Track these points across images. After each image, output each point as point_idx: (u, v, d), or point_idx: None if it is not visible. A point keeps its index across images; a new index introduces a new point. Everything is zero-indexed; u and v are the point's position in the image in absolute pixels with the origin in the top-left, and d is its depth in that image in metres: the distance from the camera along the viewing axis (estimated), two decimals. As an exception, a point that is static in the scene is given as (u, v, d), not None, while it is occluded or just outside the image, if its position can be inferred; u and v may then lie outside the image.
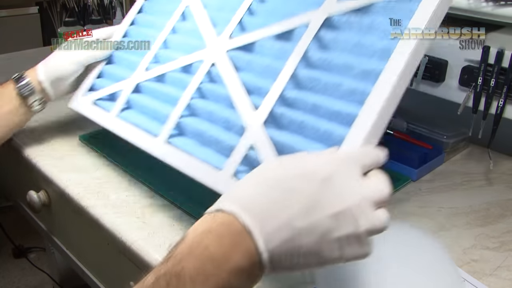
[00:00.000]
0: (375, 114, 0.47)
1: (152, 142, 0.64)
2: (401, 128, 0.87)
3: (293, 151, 0.48)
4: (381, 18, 0.54)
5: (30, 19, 2.03)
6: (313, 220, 0.36)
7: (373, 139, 0.47)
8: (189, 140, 0.62)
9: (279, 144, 0.52)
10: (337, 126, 0.50)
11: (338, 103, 0.51)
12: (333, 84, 0.52)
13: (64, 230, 0.83)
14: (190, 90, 0.64)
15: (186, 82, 0.66)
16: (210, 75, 0.65)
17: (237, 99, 0.58)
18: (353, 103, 0.50)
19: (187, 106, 0.64)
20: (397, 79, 0.48)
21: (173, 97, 0.66)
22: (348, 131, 0.47)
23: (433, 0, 0.51)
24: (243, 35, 0.64)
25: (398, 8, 0.54)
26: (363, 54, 0.53)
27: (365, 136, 0.46)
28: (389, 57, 0.49)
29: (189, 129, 0.63)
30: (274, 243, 0.35)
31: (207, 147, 0.60)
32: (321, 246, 0.36)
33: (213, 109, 0.61)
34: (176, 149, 0.61)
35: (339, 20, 0.57)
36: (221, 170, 0.55)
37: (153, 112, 0.68)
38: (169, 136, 0.63)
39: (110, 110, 0.73)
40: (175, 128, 0.63)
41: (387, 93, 0.47)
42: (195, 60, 0.68)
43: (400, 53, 0.49)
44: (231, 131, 0.58)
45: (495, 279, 0.57)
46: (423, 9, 0.51)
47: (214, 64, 0.64)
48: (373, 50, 0.52)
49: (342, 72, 0.53)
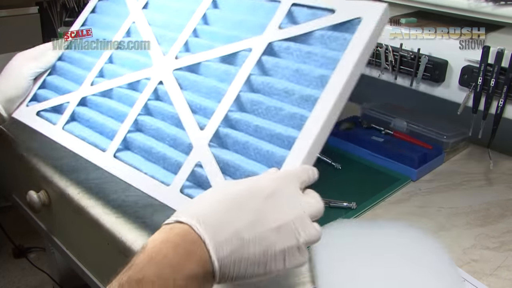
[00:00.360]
0: (312, 138, 0.51)
1: (100, 156, 0.65)
2: (401, 128, 0.87)
3: (238, 170, 0.54)
4: (319, 46, 0.58)
5: (30, 19, 2.02)
6: (259, 232, 0.41)
7: (311, 159, 0.51)
8: (136, 156, 0.64)
9: (224, 163, 0.55)
10: (278, 148, 0.53)
11: (279, 126, 0.55)
12: (275, 108, 0.56)
13: (64, 230, 0.83)
14: (137, 107, 0.66)
15: (133, 98, 0.68)
16: (156, 93, 0.67)
17: (184, 118, 0.61)
18: (293, 127, 0.54)
19: (134, 122, 0.66)
20: (333, 105, 0.52)
21: (119, 113, 0.68)
22: (288, 153, 0.51)
23: (366, 33, 0.55)
24: (188, 56, 0.66)
25: (334, 38, 0.58)
26: (302, 81, 0.57)
27: (303, 158, 0.50)
28: (326, 85, 0.54)
29: (136, 144, 0.64)
30: (224, 253, 0.39)
31: (154, 163, 0.62)
32: (267, 257, 0.41)
33: (160, 126, 0.64)
34: (124, 164, 0.63)
35: (280, 46, 0.61)
36: (168, 185, 0.57)
37: (99, 126, 0.69)
38: (116, 150, 0.64)
39: (55, 122, 0.72)
40: (122, 143, 0.65)
41: (323, 118, 0.52)
42: (142, 78, 0.69)
43: (336, 81, 0.54)
44: (178, 149, 0.61)
45: (495, 279, 0.57)
46: (357, 39, 0.55)
47: (161, 82, 0.66)
48: (312, 77, 0.56)
49: (282, 97, 0.57)
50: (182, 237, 0.39)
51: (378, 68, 0.94)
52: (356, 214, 0.68)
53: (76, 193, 0.73)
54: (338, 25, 0.59)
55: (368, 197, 0.71)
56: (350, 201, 0.69)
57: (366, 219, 0.68)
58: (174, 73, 0.66)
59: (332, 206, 0.69)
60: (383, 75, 0.95)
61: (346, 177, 0.75)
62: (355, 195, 0.71)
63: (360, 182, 0.76)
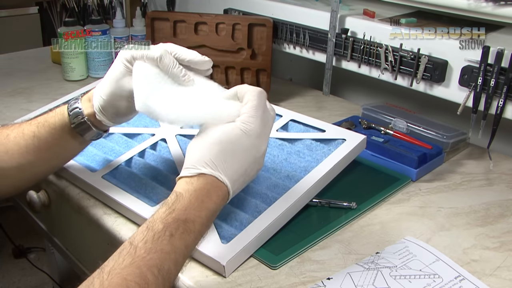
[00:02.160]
0: (292, 199, 0.65)
1: (89, 175, 0.72)
2: (401, 128, 0.87)
3: (221, 212, 0.61)
4: (306, 151, 0.76)
5: (30, 19, 2.03)
6: (255, 161, 0.55)
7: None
8: (122, 182, 0.71)
9: None
10: (261, 203, 0.65)
11: (265, 189, 0.68)
12: (264, 177, 0.70)
13: (64, 230, 0.83)
14: (135, 150, 0.78)
15: (132, 144, 0.80)
16: (155, 145, 0.79)
17: (178, 163, 0.73)
18: (276, 193, 0.67)
19: (128, 160, 0.75)
20: (313, 175, 0.69)
21: (114, 150, 0.78)
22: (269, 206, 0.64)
23: (346, 148, 0.73)
24: (191, 129, 0.81)
25: (320, 147, 0.76)
26: (289, 166, 0.73)
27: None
28: (310, 171, 0.70)
29: (125, 174, 0.73)
30: (236, 186, 0.54)
31: (139, 192, 0.69)
32: (255, 174, 0.57)
33: (150, 166, 0.74)
34: (111, 184, 0.70)
35: (275, 142, 0.78)
36: (152, 206, 0.65)
37: (92, 155, 0.78)
38: (105, 174, 0.72)
39: None
40: (112, 170, 0.73)
41: (305, 188, 0.66)
42: (146, 132, 0.83)
43: (321, 167, 0.70)
44: (166, 185, 0.69)
45: (495, 279, 0.57)
46: (339, 151, 0.73)
47: (164, 139, 0.80)
48: (297, 166, 0.72)
49: (271, 172, 0.72)
50: (211, 185, 0.52)
51: (378, 68, 0.95)
52: (356, 214, 0.68)
53: (76, 193, 0.73)
54: (325, 139, 0.77)
55: (368, 197, 0.71)
56: (350, 201, 0.69)
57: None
58: (176, 136, 0.80)
59: (332, 206, 0.69)
60: (383, 75, 0.95)
61: (346, 177, 0.75)
62: (355, 195, 0.71)
63: (360, 182, 0.76)
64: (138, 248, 0.44)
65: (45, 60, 1.36)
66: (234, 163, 0.53)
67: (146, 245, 0.45)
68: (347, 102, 1.12)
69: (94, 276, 0.43)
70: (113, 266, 0.43)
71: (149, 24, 1.09)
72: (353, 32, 0.98)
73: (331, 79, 1.05)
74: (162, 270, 0.44)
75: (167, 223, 0.47)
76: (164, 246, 0.46)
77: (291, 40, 1.09)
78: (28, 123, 0.65)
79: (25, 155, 0.63)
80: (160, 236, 0.46)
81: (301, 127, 0.82)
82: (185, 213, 0.49)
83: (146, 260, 0.44)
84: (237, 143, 0.53)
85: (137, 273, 0.43)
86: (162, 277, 0.44)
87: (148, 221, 0.48)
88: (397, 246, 0.62)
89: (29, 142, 0.63)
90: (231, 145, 0.53)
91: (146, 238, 0.46)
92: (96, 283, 0.42)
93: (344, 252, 0.61)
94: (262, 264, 0.59)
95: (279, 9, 1.10)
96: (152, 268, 0.44)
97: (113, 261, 0.44)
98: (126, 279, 0.42)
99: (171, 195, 0.51)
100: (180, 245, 0.47)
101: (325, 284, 0.55)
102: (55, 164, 0.69)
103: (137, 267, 0.43)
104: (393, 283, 0.55)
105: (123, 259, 0.44)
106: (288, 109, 0.85)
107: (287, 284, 0.56)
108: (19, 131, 0.64)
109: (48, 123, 0.63)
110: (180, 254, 0.47)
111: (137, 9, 1.30)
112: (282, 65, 1.35)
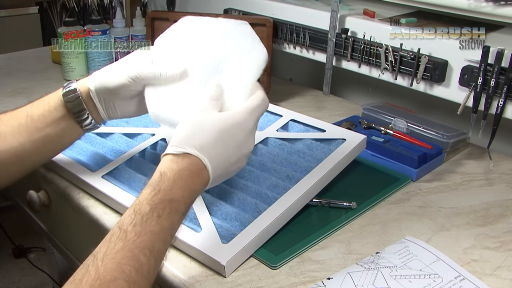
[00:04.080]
0: (292, 199, 0.65)
1: (89, 175, 0.72)
2: (401, 128, 0.87)
3: (220, 209, 0.65)
4: (307, 150, 0.76)
5: (30, 19, 2.03)
6: (238, 157, 0.56)
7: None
8: (122, 182, 0.71)
9: (209, 202, 0.66)
10: (261, 203, 0.65)
11: (265, 189, 0.68)
12: (264, 177, 0.70)
13: (64, 230, 0.83)
14: (135, 150, 0.77)
15: (131, 144, 0.80)
16: (155, 145, 0.79)
17: None
18: (276, 193, 0.67)
19: (128, 160, 0.75)
20: (312, 176, 0.69)
21: (114, 149, 0.78)
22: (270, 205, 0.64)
23: (346, 148, 0.73)
24: None
25: (320, 147, 0.76)
26: (289, 166, 0.73)
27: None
28: (310, 171, 0.70)
29: (125, 174, 0.72)
30: (217, 172, 0.54)
31: (139, 189, 0.69)
32: (236, 171, 0.58)
33: (151, 166, 0.73)
34: (111, 184, 0.70)
35: (275, 142, 0.79)
36: None
37: (91, 153, 0.78)
38: (105, 174, 0.72)
39: None
40: (112, 170, 0.73)
41: (305, 188, 0.66)
42: (146, 132, 0.82)
43: (321, 167, 0.70)
44: None
45: (495, 279, 0.57)
46: (339, 151, 0.73)
47: (164, 139, 0.80)
48: (298, 166, 0.72)
49: (271, 172, 0.72)
50: (194, 166, 0.52)
51: (378, 68, 0.95)
52: (356, 214, 0.68)
53: (76, 193, 0.73)
54: (325, 139, 0.78)
55: (368, 197, 0.71)
56: (350, 201, 0.69)
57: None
58: None
59: (332, 206, 0.69)
60: (383, 75, 0.95)
61: (346, 177, 0.75)
62: (355, 195, 0.71)
63: (360, 182, 0.76)
64: (128, 232, 0.45)
65: (45, 60, 1.36)
66: (221, 152, 0.54)
67: (135, 228, 0.46)
68: (347, 102, 1.12)
69: (89, 264, 0.44)
70: (106, 252, 0.44)
71: (149, 24, 1.09)
72: (353, 32, 0.98)
73: (331, 79, 1.05)
74: (153, 250, 0.46)
75: (154, 204, 0.48)
76: (153, 227, 0.47)
77: (291, 40, 1.09)
78: (23, 106, 0.65)
79: (17, 136, 0.62)
80: (148, 218, 0.47)
81: (301, 127, 0.82)
82: (170, 193, 0.49)
83: (137, 243, 0.45)
84: (230, 133, 0.54)
85: (130, 256, 0.44)
86: (154, 257, 0.46)
87: (135, 204, 0.48)
88: (397, 246, 0.62)
89: (22, 122, 0.62)
90: (223, 134, 0.54)
91: (134, 222, 0.46)
92: (91, 270, 0.43)
93: (344, 252, 0.61)
94: (262, 264, 0.59)
95: (279, 9, 1.10)
96: (144, 250, 0.45)
97: (105, 247, 0.45)
98: (120, 263, 0.43)
99: (155, 173, 0.51)
100: (167, 224, 0.48)
101: (325, 284, 0.55)
102: (47, 150, 0.66)
103: (129, 250, 0.44)
104: (393, 283, 0.55)
105: (115, 243, 0.45)
106: (288, 109, 0.85)
107: (287, 284, 0.56)
108: (13, 113, 0.64)
109: (43, 101, 0.64)
110: (167, 234, 0.48)
111: (137, 9, 1.30)
112: (282, 65, 1.35)
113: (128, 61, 0.64)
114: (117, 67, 0.63)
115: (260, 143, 0.77)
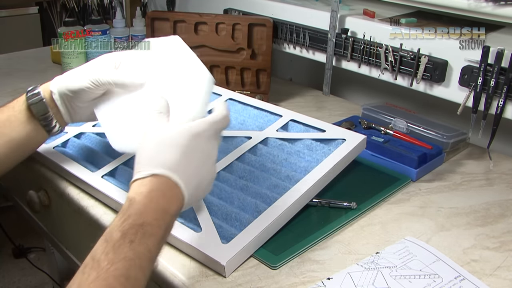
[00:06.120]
0: (292, 199, 0.65)
1: (89, 175, 0.73)
2: (401, 128, 0.87)
3: (220, 209, 0.65)
4: (306, 150, 0.76)
5: (30, 19, 2.03)
6: (208, 167, 0.54)
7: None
8: (122, 182, 0.71)
9: (208, 202, 0.66)
10: (261, 203, 0.65)
11: (265, 189, 0.68)
12: (264, 177, 0.70)
13: (64, 230, 0.83)
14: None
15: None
16: None
17: None
18: (276, 193, 0.67)
19: (128, 160, 0.74)
20: (311, 176, 0.69)
21: (115, 151, 0.75)
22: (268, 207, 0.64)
23: (346, 148, 0.73)
24: None
25: (320, 147, 0.76)
26: (289, 166, 0.73)
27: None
28: (310, 171, 0.70)
29: (124, 174, 0.72)
30: (190, 188, 0.52)
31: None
32: (210, 183, 0.56)
33: None
34: (111, 184, 0.70)
35: (275, 142, 0.78)
36: None
37: (91, 153, 0.78)
38: (105, 174, 0.72)
39: (47, 142, 0.76)
40: (112, 170, 0.73)
41: (305, 188, 0.67)
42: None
43: (321, 167, 0.70)
44: None
45: (495, 279, 0.57)
46: (339, 151, 0.73)
47: None
48: (297, 166, 0.73)
49: (271, 173, 0.72)
50: (165, 185, 0.49)
51: (378, 68, 0.95)
52: (356, 214, 0.68)
53: (76, 193, 0.73)
54: (325, 139, 0.77)
55: (368, 197, 0.71)
56: (350, 201, 0.69)
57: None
58: None
59: (332, 206, 0.69)
60: (383, 75, 0.95)
61: (346, 177, 0.75)
62: (355, 195, 0.71)
63: (360, 182, 0.76)
64: (101, 261, 0.43)
65: (45, 60, 1.36)
66: (189, 165, 0.52)
67: (108, 256, 0.43)
68: (347, 102, 1.12)
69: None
70: (79, 284, 0.42)
71: (149, 24, 1.09)
72: (353, 32, 0.98)
73: (331, 79, 1.05)
74: (129, 278, 0.43)
75: (124, 230, 0.45)
76: (126, 253, 0.44)
77: (291, 40, 1.09)
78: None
79: None
80: (120, 245, 0.44)
81: (301, 127, 0.82)
82: (141, 217, 0.46)
83: (111, 271, 0.42)
84: (192, 145, 0.52)
85: (104, 285, 0.41)
86: (131, 285, 0.43)
87: (105, 233, 0.46)
88: (397, 246, 0.62)
89: None
90: (185, 147, 0.52)
91: (106, 250, 0.44)
92: None
93: (344, 252, 0.61)
94: (262, 264, 0.59)
95: (279, 9, 1.10)
96: (119, 278, 0.42)
97: (78, 278, 0.42)
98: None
99: (125, 202, 0.48)
100: (143, 249, 0.45)
101: (325, 284, 0.55)
102: (13, 155, 0.66)
103: (104, 279, 0.42)
104: (393, 283, 0.55)
105: (88, 274, 0.42)
106: (288, 109, 0.85)
107: (287, 284, 0.56)
108: None
109: (7, 107, 0.66)
110: (144, 259, 0.45)
111: (137, 9, 1.30)
112: (282, 65, 1.35)
113: (92, 65, 0.65)
114: (81, 70, 0.64)
115: (260, 143, 0.77)
